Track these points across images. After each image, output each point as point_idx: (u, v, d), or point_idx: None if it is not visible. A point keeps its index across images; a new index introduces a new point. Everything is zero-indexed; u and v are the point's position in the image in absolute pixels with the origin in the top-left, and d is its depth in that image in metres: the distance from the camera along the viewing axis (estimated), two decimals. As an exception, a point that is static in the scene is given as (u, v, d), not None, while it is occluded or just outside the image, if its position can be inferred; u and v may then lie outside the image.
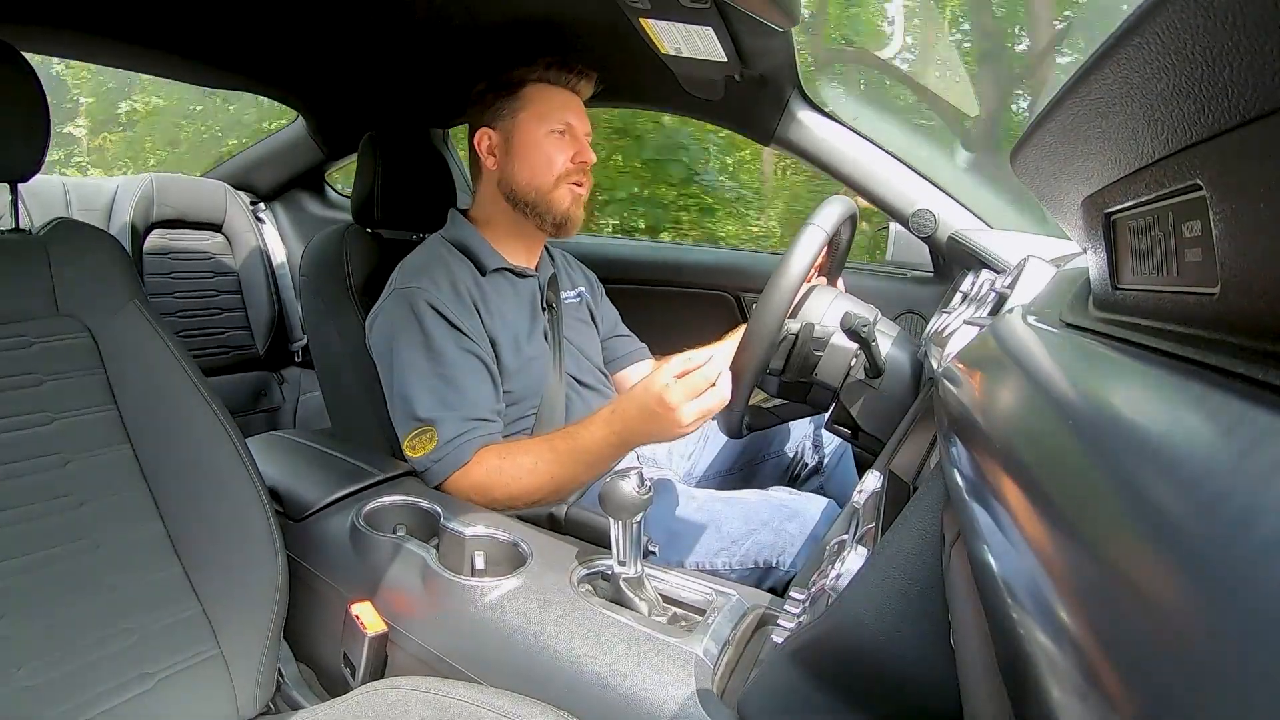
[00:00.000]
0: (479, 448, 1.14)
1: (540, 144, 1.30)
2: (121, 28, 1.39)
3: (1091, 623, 0.23)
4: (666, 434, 1.06)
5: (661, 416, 1.03)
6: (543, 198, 1.31)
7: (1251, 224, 0.27)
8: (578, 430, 1.13)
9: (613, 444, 1.10)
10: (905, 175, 1.51)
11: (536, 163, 1.30)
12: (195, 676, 0.87)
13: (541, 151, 1.30)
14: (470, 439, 1.14)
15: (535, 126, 1.30)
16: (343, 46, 1.55)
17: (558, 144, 1.31)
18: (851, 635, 0.63)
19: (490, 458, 1.14)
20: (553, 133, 1.30)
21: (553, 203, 1.31)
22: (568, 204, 1.32)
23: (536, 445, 1.15)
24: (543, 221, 1.32)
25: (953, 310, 1.10)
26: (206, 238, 2.28)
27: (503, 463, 1.13)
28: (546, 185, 1.30)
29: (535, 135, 1.30)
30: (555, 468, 1.12)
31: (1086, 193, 0.46)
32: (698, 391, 1.02)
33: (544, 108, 1.30)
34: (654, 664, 0.80)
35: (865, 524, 0.80)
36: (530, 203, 1.31)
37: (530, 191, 1.31)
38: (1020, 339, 0.55)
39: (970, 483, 0.42)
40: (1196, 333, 0.32)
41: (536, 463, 1.12)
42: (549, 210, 1.31)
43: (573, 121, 1.32)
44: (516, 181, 1.32)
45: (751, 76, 1.42)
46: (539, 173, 1.30)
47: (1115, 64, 0.32)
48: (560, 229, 1.33)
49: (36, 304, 0.90)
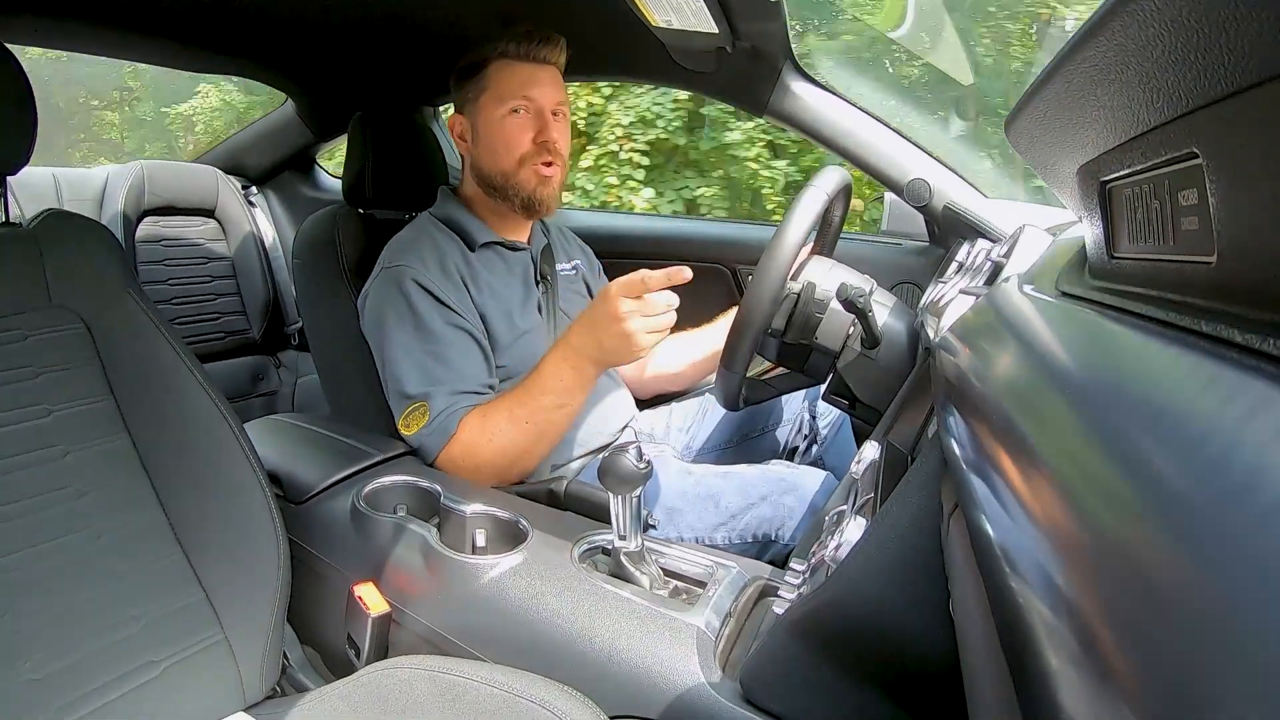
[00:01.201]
0: (464, 416, 1.15)
1: (500, 126, 1.27)
2: (108, 14, 1.37)
3: (1089, 591, 0.23)
4: (621, 348, 1.06)
5: (611, 327, 1.04)
6: (508, 181, 1.29)
7: (1247, 192, 0.27)
8: (538, 365, 1.14)
9: (571, 364, 1.10)
10: (900, 145, 1.50)
11: (497, 146, 1.28)
12: (200, 663, 0.88)
13: (501, 134, 1.28)
14: (456, 409, 1.14)
15: (494, 108, 1.28)
16: (331, 27, 1.53)
17: (518, 124, 1.27)
18: (851, 605, 0.64)
19: (472, 418, 1.14)
20: (512, 113, 1.27)
21: (518, 185, 1.29)
22: (533, 185, 1.29)
23: (507, 394, 1.16)
24: (513, 205, 1.31)
25: (949, 280, 1.10)
26: (199, 224, 2.26)
27: (483, 421, 1.14)
28: (510, 168, 1.28)
29: (494, 117, 1.28)
30: (527, 408, 1.12)
31: (1082, 161, 0.45)
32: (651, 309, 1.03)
33: (503, 87, 1.27)
34: (656, 637, 0.80)
35: (864, 495, 0.81)
36: (498, 186, 1.30)
37: (496, 175, 1.30)
38: (1016, 308, 0.55)
39: (968, 452, 0.43)
40: (1193, 301, 0.32)
41: (512, 409, 1.13)
42: (516, 193, 1.29)
43: (533, 95, 1.27)
44: (483, 166, 1.31)
45: (743, 48, 1.41)
46: (500, 157, 1.28)
47: (1110, 31, 0.32)
48: (530, 211, 1.31)
49: (30, 297, 0.90)
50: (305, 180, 2.45)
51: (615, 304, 1.03)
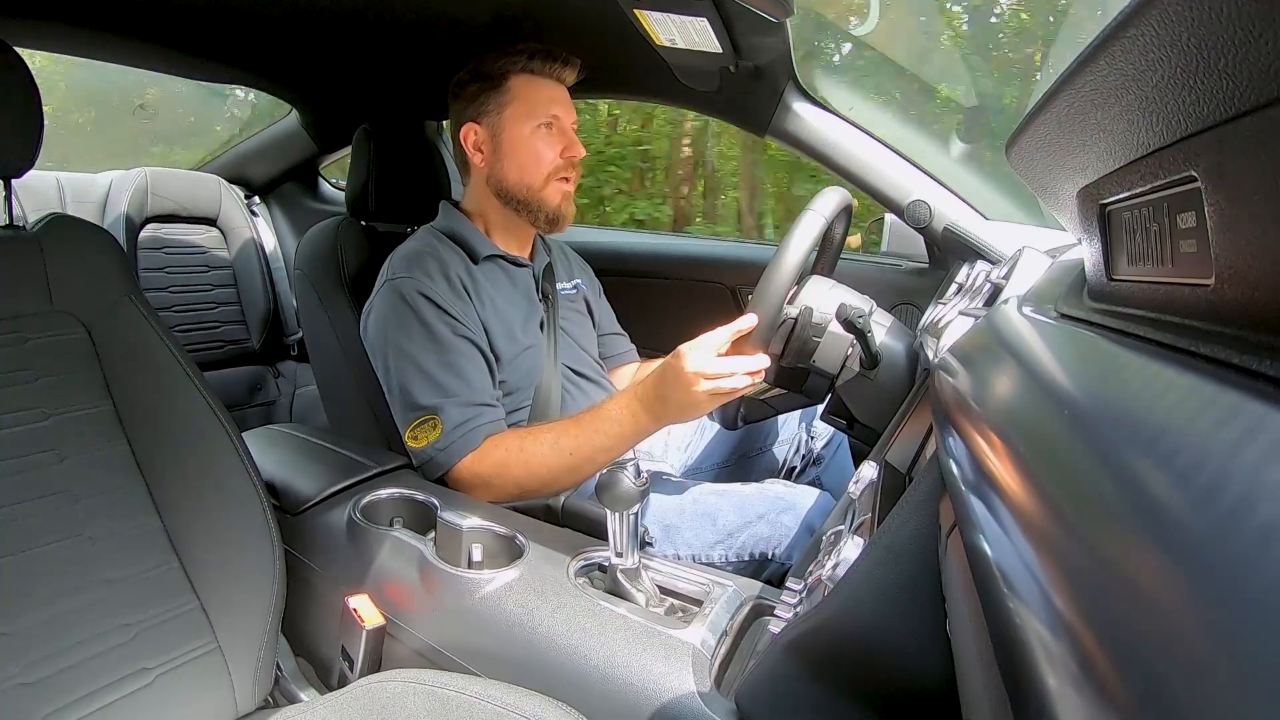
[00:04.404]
0: (489, 433, 1.14)
1: (528, 141, 1.28)
2: (116, 22, 1.38)
3: (1087, 612, 0.23)
4: (689, 408, 1.07)
5: (681, 390, 1.05)
6: (534, 196, 1.29)
7: (1246, 215, 0.27)
8: (600, 404, 1.14)
9: (633, 414, 1.10)
10: (900, 166, 1.51)
11: (526, 161, 1.28)
12: (193, 671, 0.87)
13: (530, 149, 1.28)
14: (477, 424, 1.14)
15: (523, 122, 1.28)
16: (337, 39, 1.54)
17: (546, 140, 1.28)
18: (848, 625, 0.63)
19: (509, 439, 1.14)
20: (540, 127, 1.28)
21: (544, 200, 1.30)
22: (558, 201, 1.30)
23: (560, 422, 1.16)
24: (535, 219, 1.32)
25: (948, 301, 1.11)
26: (201, 232, 2.27)
27: (524, 442, 1.13)
28: (537, 183, 1.29)
29: (523, 132, 1.28)
30: (576, 441, 1.12)
31: (1082, 184, 0.46)
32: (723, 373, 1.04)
33: (530, 102, 1.28)
34: (651, 655, 0.80)
35: (861, 514, 0.80)
36: (522, 200, 1.30)
37: (521, 190, 1.30)
38: (1015, 330, 0.55)
39: (966, 473, 0.43)
40: (1191, 323, 0.32)
41: (559, 438, 1.12)
42: (540, 208, 1.30)
43: (559, 113, 1.29)
44: (506, 179, 1.30)
45: (746, 68, 1.42)
46: (528, 171, 1.29)
47: (1110, 56, 0.32)
48: (553, 225, 1.32)
49: (31, 300, 0.90)
50: (308, 191, 2.46)
51: (687, 371, 1.04)
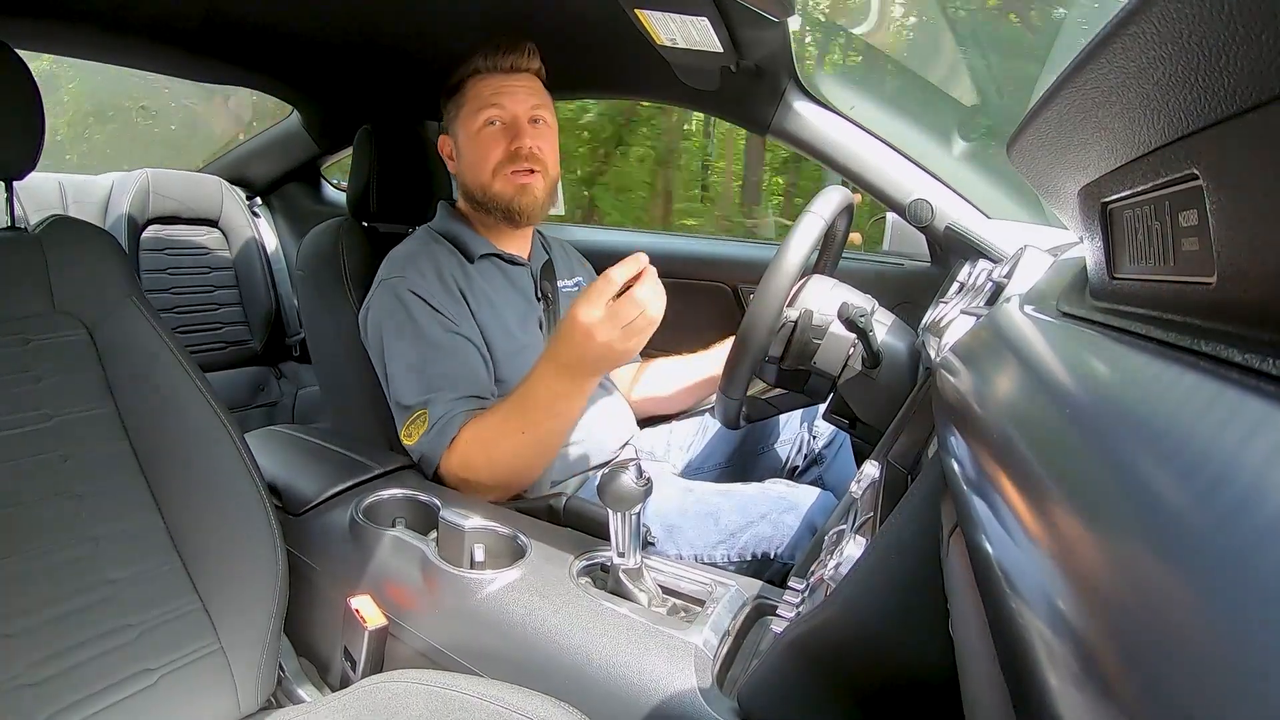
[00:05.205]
0: (463, 424, 1.14)
1: (475, 140, 1.30)
2: (117, 23, 1.39)
3: (1090, 611, 0.23)
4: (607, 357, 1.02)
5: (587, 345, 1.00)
6: (487, 193, 1.31)
7: (1248, 213, 0.27)
8: (527, 374, 1.11)
9: (555, 373, 1.06)
10: (902, 165, 1.50)
11: (475, 160, 1.31)
12: (196, 672, 0.87)
13: (475, 147, 1.30)
14: (455, 414, 1.14)
15: (470, 123, 1.30)
16: (339, 41, 1.54)
17: (491, 137, 1.29)
18: (850, 625, 0.63)
19: (468, 429, 1.13)
20: (486, 125, 1.29)
21: (497, 196, 1.30)
22: (511, 195, 1.30)
23: (501, 402, 1.14)
24: (494, 216, 1.32)
25: (950, 300, 1.10)
26: (203, 233, 2.28)
27: (478, 430, 1.12)
28: (485, 181, 1.30)
29: (470, 132, 1.30)
30: (521, 416, 1.10)
31: (1083, 182, 0.46)
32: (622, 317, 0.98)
33: (476, 101, 1.29)
34: (654, 655, 0.80)
35: (863, 514, 0.80)
36: (479, 200, 1.32)
37: (477, 189, 1.32)
38: (1017, 328, 0.55)
39: (967, 472, 0.43)
40: (1193, 322, 0.32)
41: (506, 417, 1.11)
42: (495, 204, 1.31)
43: (504, 103, 1.28)
44: (466, 182, 1.34)
45: (747, 67, 1.42)
46: (477, 169, 1.30)
47: (1112, 54, 0.32)
48: (511, 220, 1.32)
49: (33, 302, 0.90)
50: (309, 192, 2.46)
51: (581, 324, 0.99)
